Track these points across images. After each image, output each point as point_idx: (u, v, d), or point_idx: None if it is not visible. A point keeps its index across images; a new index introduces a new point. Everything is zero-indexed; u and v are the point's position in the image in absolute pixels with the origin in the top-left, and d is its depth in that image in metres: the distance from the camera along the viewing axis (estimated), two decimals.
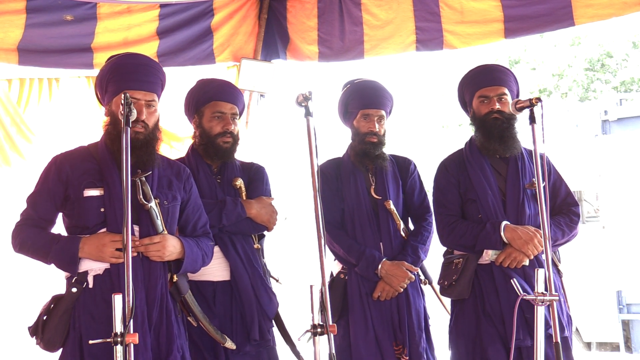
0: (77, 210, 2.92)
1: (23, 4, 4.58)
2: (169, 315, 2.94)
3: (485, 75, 3.66)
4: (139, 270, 2.85)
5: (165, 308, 2.93)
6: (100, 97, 3.11)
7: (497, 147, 3.57)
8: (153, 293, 2.88)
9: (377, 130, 3.80)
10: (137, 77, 2.98)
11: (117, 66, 3.02)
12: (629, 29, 16.42)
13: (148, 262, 2.90)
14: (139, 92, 2.95)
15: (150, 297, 2.88)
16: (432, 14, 4.85)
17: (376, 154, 3.80)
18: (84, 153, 3.03)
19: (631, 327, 8.33)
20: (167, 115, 3.34)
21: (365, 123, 3.81)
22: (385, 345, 3.63)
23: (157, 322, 2.89)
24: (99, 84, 3.08)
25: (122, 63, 3.03)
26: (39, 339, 2.87)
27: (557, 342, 2.86)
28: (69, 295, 2.87)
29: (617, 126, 8.57)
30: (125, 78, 2.97)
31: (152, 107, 3.00)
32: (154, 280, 2.90)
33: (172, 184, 3.09)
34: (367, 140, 3.79)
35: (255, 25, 5.34)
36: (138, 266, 2.85)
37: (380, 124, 3.83)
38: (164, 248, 2.91)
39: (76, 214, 2.93)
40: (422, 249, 3.78)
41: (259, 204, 3.52)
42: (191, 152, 3.61)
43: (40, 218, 2.96)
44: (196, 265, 3.10)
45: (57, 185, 2.95)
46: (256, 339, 3.36)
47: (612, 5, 4.38)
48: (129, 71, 2.99)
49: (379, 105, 3.84)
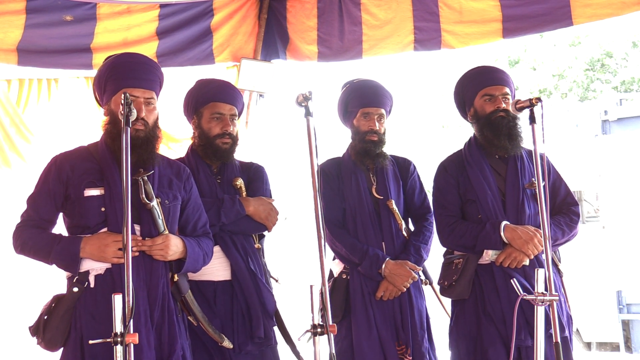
0: (78, 210, 2.92)
1: (23, 5, 4.58)
2: (171, 315, 2.94)
3: (489, 74, 3.67)
4: (141, 270, 2.85)
5: (167, 307, 2.93)
6: (99, 97, 3.10)
7: (505, 144, 3.56)
8: (155, 292, 2.88)
9: (377, 128, 3.80)
10: (136, 75, 2.99)
11: (115, 65, 3.02)
12: (628, 29, 16.42)
13: (150, 261, 2.90)
14: (137, 89, 2.96)
15: (152, 296, 2.87)
16: (431, 14, 4.85)
17: (377, 152, 3.81)
18: (84, 153, 3.03)
19: (631, 327, 8.33)
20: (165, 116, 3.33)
21: (366, 121, 3.81)
22: (388, 345, 3.62)
23: (159, 321, 2.89)
24: (97, 84, 3.08)
25: (119, 62, 3.04)
26: (40, 339, 2.86)
27: (557, 342, 2.86)
28: (70, 294, 2.87)
29: (617, 126, 8.57)
30: (123, 76, 2.98)
31: (151, 105, 3.01)
32: (155, 279, 2.90)
33: (173, 183, 3.09)
34: (367, 139, 3.79)
35: (255, 25, 5.34)
36: (140, 265, 2.85)
37: (380, 122, 3.83)
38: (167, 247, 2.91)
39: (77, 214, 2.92)
40: (424, 249, 3.78)
41: (256, 202, 3.52)
42: (191, 153, 3.61)
43: (41, 219, 2.96)
44: (197, 265, 3.10)
45: (57, 185, 2.94)
46: (261, 337, 3.36)
47: (611, 5, 4.38)
48: (127, 69, 3.00)
49: (379, 104, 3.84)
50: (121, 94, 2.91)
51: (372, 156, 3.80)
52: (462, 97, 3.74)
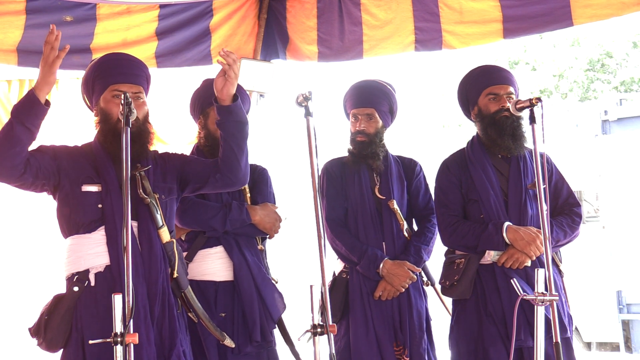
0: (74, 204, 2.90)
1: (23, 5, 4.57)
2: (171, 310, 2.93)
3: (493, 73, 3.66)
4: (140, 266, 2.85)
5: (168, 302, 2.92)
6: (88, 100, 3.11)
7: (509, 144, 3.55)
8: (154, 288, 2.88)
9: (364, 128, 3.79)
10: (122, 71, 3.00)
11: (100, 65, 3.04)
12: (628, 29, 16.41)
13: (148, 257, 2.89)
14: (124, 85, 2.97)
15: (152, 292, 2.87)
16: (432, 14, 4.84)
17: (367, 152, 3.79)
18: (79, 150, 3.03)
19: (631, 327, 8.33)
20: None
21: (354, 122, 3.83)
22: (386, 346, 3.63)
23: (159, 317, 2.88)
24: (86, 87, 3.09)
25: (104, 61, 3.07)
26: (40, 340, 2.85)
27: (557, 342, 2.86)
28: (70, 294, 2.86)
29: (617, 126, 8.57)
30: (109, 73, 2.99)
31: (140, 99, 3.00)
32: (154, 274, 2.89)
33: (166, 176, 3.08)
34: (356, 140, 3.80)
35: (254, 25, 5.33)
36: (138, 262, 2.85)
37: (369, 121, 3.81)
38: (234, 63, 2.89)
39: (72, 209, 2.91)
40: (425, 250, 3.78)
41: (263, 211, 3.51)
42: (196, 153, 3.60)
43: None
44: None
45: (58, 171, 2.91)
46: (257, 340, 3.36)
47: (611, 5, 4.37)
48: (113, 66, 3.02)
49: (366, 104, 3.83)
50: (110, 91, 2.94)
51: (364, 156, 3.79)
52: (466, 95, 3.73)
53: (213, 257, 3.37)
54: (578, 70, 17.33)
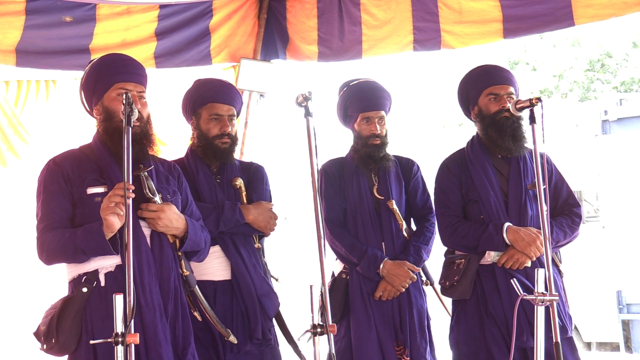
0: (81, 208, 2.86)
1: (22, 5, 4.56)
2: (184, 308, 2.92)
3: (494, 73, 3.65)
4: (152, 265, 2.83)
5: (180, 301, 2.91)
6: (88, 102, 3.05)
7: (509, 144, 3.54)
8: (167, 286, 2.86)
9: (379, 131, 3.79)
10: (126, 70, 2.97)
11: (102, 64, 3.00)
12: (629, 29, 16.42)
13: (160, 256, 2.87)
14: (130, 83, 2.94)
15: (165, 290, 2.85)
16: (431, 14, 4.84)
17: (380, 155, 3.79)
18: (78, 154, 2.99)
19: (631, 327, 8.32)
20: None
21: (367, 126, 3.80)
22: (387, 345, 3.62)
23: (172, 315, 2.86)
24: (86, 89, 3.03)
25: (107, 60, 3.03)
26: (51, 344, 2.75)
27: (557, 342, 2.85)
28: (79, 295, 2.80)
29: (617, 126, 8.55)
30: (114, 72, 2.95)
31: (143, 99, 2.99)
32: (166, 273, 2.87)
33: (169, 179, 3.07)
34: (370, 144, 3.78)
35: (254, 25, 5.33)
36: (150, 260, 2.83)
37: (381, 124, 3.82)
38: (162, 212, 2.85)
39: (79, 213, 2.87)
40: (424, 249, 3.78)
41: (257, 210, 3.51)
42: (190, 153, 3.60)
43: (60, 218, 2.84)
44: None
45: (65, 183, 2.87)
46: (259, 338, 3.36)
47: (612, 5, 4.37)
48: (117, 65, 2.98)
49: (379, 106, 3.83)
50: (115, 89, 2.91)
51: (376, 160, 3.79)
52: (466, 95, 3.72)
53: (211, 257, 3.36)
54: (578, 70, 17.33)
